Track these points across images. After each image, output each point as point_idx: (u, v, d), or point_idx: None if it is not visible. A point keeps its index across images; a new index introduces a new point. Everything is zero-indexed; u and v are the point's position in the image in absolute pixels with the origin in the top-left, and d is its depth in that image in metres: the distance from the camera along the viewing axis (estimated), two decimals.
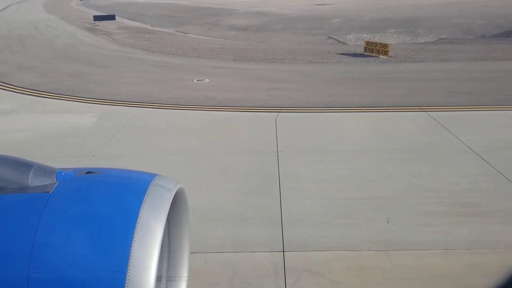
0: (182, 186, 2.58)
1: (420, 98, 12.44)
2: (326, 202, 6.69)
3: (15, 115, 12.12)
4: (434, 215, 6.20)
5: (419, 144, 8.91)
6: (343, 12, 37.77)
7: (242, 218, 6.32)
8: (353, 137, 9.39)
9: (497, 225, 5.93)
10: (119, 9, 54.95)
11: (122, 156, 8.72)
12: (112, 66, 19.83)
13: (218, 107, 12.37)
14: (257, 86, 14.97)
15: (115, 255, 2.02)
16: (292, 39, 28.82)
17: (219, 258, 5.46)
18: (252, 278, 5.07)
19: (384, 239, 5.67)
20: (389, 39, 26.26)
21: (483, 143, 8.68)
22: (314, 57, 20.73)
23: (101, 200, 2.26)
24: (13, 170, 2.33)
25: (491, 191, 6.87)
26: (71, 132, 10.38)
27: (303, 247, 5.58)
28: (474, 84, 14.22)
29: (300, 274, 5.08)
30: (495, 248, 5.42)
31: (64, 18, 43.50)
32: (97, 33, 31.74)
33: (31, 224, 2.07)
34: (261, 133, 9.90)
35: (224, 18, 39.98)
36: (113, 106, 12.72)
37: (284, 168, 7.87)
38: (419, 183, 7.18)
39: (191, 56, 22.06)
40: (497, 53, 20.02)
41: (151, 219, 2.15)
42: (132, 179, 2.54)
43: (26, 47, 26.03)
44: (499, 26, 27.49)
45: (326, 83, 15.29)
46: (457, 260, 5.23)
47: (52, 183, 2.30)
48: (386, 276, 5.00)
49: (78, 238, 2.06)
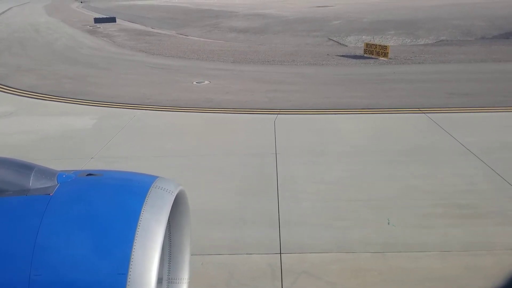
0: (183, 188, 2.58)
1: (419, 100, 12.44)
2: (324, 203, 6.69)
3: (15, 117, 12.14)
4: (432, 216, 6.19)
5: (418, 145, 8.90)
6: (343, 14, 37.81)
7: (240, 220, 6.32)
8: (352, 139, 9.39)
9: (495, 227, 5.92)
10: (120, 11, 55.10)
11: (121, 158, 8.72)
12: (112, 68, 19.86)
13: (217, 109, 12.37)
14: (256, 88, 14.99)
15: (116, 257, 2.02)
16: (292, 41, 28.86)
17: (216, 260, 5.46)
18: (249, 280, 5.07)
19: (381, 241, 5.66)
20: (389, 41, 26.26)
21: (482, 145, 8.67)
22: (313, 59, 20.75)
23: (102, 203, 2.26)
24: (14, 173, 2.32)
25: (489, 192, 6.86)
26: (70, 134, 10.39)
27: (300, 249, 5.57)
28: (473, 85, 14.22)
29: (297, 276, 5.08)
30: (492, 250, 5.41)
31: (64, 21, 43.60)
32: (97, 36, 31.80)
33: (32, 227, 2.07)
34: (259, 135, 9.90)
35: (224, 20, 40.05)
36: (112, 108, 12.73)
37: (282, 170, 7.87)
38: (417, 184, 7.18)
39: (191, 58, 22.10)
40: (497, 54, 20.01)
41: (152, 221, 2.14)
42: (133, 181, 2.55)
43: (26, 49, 26.08)
44: (499, 28, 27.50)
45: (326, 85, 15.30)
46: (454, 262, 5.22)
47: (53, 186, 2.29)
48: (383, 278, 5.00)
49: (79, 241, 2.06)
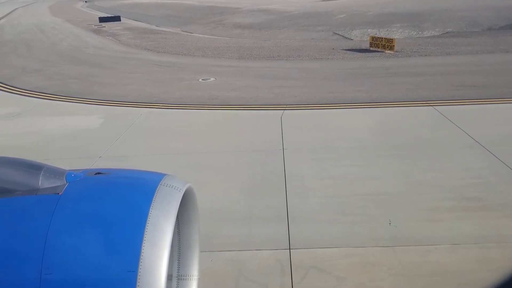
0: (191, 185, 2.60)
1: (426, 93, 12.36)
2: (332, 199, 6.67)
3: (22, 118, 12.21)
4: (441, 210, 6.16)
5: (425, 139, 8.85)
6: (347, 8, 37.61)
7: (248, 216, 6.33)
8: (359, 133, 9.35)
9: (505, 219, 5.87)
10: (124, 10, 55.15)
11: (128, 156, 8.76)
12: (117, 67, 19.90)
13: (223, 106, 12.38)
14: (262, 84, 14.96)
15: (125, 255, 2.04)
16: (297, 36, 28.76)
17: (225, 256, 5.47)
18: (258, 276, 5.07)
19: (390, 235, 5.64)
20: (394, 33, 26.10)
21: (490, 137, 8.59)
22: (319, 53, 20.66)
23: (111, 201, 2.29)
24: (23, 173, 2.36)
25: (498, 185, 6.81)
26: (77, 134, 10.44)
27: (309, 244, 5.57)
28: (481, 77, 14.09)
29: (306, 271, 5.07)
30: (502, 243, 5.38)
31: (69, 21, 43.71)
32: (102, 35, 31.87)
33: (42, 226, 2.10)
34: (266, 131, 9.88)
35: (228, 17, 39.99)
36: (118, 107, 12.77)
37: (290, 166, 7.86)
38: (426, 178, 7.14)
39: (196, 56, 22.09)
40: (504, 45, 19.82)
41: (161, 218, 2.16)
42: (141, 179, 2.57)
43: (32, 50, 26.19)
44: (506, 18, 27.21)
45: (331, 80, 15.23)
46: (464, 255, 5.19)
47: (62, 185, 2.32)
48: (392, 272, 4.98)
49: (89, 239, 2.09)
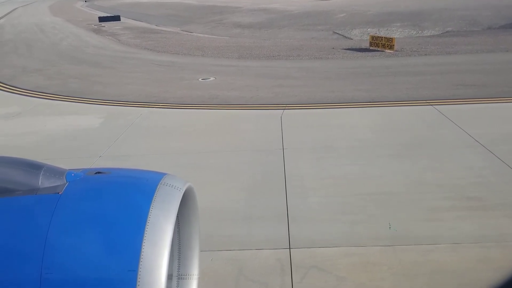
0: (191, 185, 2.59)
1: (426, 92, 12.35)
2: (332, 198, 6.66)
3: (22, 117, 12.21)
4: (441, 209, 6.15)
5: (426, 138, 8.84)
6: (347, 7, 37.61)
7: (248, 216, 6.32)
8: (359, 132, 9.35)
9: (505, 219, 5.86)
10: (124, 9, 55.17)
11: (129, 156, 8.75)
12: (117, 67, 19.90)
13: (223, 106, 12.37)
14: (262, 83, 14.95)
15: (126, 254, 2.04)
16: (297, 35, 28.76)
17: (225, 256, 5.47)
18: (259, 275, 5.07)
19: (391, 235, 5.64)
20: (394, 33, 26.10)
21: (491, 136, 8.58)
22: (319, 53, 20.66)
23: (111, 200, 2.28)
24: (23, 172, 2.35)
25: (499, 184, 6.80)
26: (78, 134, 10.44)
27: (309, 243, 5.56)
28: (481, 76, 14.08)
29: (306, 271, 5.07)
30: (503, 242, 5.37)
31: (69, 20, 43.71)
32: (102, 34, 31.87)
33: (43, 225, 2.09)
34: (266, 130, 9.87)
35: (228, 16, 39.99)
36: (118, 107, 12.76)
37: (290, 165, 7.85)
38: (426, 177, 7.13)
39: (196, 55, 22.09)
40: (504, 44, 19.83)
41: (161, 218, 2.16)
42: (141, 178, 2.56)
43: (32, 49, 26.19)
44: (506, 17, 27.22)
45: (331, 79, 15.23)
46: (464, 254, 5.18)
47: (62, 184, 2.32)
48: (393, 271, 4.97)
49: (89, 238, 2.09)
